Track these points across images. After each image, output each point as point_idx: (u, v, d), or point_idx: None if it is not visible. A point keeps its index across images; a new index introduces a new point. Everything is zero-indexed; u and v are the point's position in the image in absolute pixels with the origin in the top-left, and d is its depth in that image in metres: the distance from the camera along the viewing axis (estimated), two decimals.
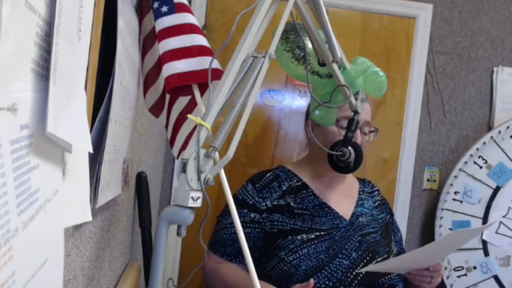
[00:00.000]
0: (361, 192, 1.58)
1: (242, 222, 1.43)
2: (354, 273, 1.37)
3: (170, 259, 2.26)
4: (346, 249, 1.40)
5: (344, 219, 1.46)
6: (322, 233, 1.41)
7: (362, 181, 1.64)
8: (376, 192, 1.63)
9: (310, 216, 1.44)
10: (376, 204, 1.58)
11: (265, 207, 1.45)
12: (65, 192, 0.58)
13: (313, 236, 1.40)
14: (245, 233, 1.42)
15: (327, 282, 1.34)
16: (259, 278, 1.24)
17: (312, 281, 1.24)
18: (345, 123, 1.40)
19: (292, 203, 1.45)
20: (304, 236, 1.40)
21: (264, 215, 1.44)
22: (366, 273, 1.37)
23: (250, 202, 1.46)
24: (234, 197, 1.47)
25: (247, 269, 1.43)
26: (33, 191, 0.46)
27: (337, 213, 1.47)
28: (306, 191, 1.49)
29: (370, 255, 1.41)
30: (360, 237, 1.44)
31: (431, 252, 1.35)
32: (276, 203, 1.45)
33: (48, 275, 0.51)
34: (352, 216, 1.48)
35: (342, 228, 1.44)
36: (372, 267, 1.34)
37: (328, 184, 1.52)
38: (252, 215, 1.44)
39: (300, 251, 1.38)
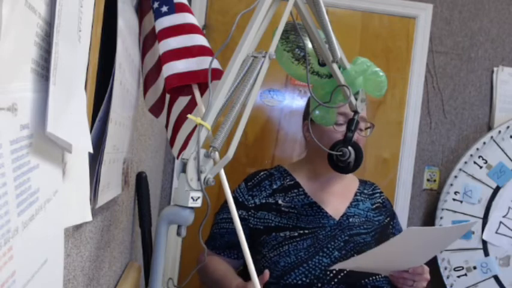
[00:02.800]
0: (358, 194, 1.57)
1: (230, 218, 1.47)
2: (334, 271, 1.37)
3: (170, 259, 2.26)
4: (328, 248, 1.40)
5: (332, 219, 1.46)
6: (306, 231, 1.42)
7: (364, 183, 1.63)
8: (377, 195, 1.62)
9: (297, 215, 1.45)
10: (374, 206, 1.57)
11: (252, 205, 1.48)
12: (65, 192, 0.58)
13: (296, 234, 1.41)
14: (232, 229, 1.47)
15: (304, 279, 1.35)
16: (246, 273, 1.23)
17: (266, 272, 1.22)
18: (340, 119, 1.41)
19: (280, 201, 1.48)
20: (288, 233, 1.41)
21: (250, 212, 1.47)
22: (348, 272, 1.37)
23: (240, 200, 1.50)
24: None
25: (232, 263, 1.46)
26: (33, 191, 0.46)
27: (326, 212, 1.47)
28: (297, 190, 1.51)
29: (355, 255, 1.40)
30: (347, 237, 1.44)
31: (402, 248, 1.27)
32: (264, 201, 1.48)
33: (48, 275, 0.51)
34: (342, 216, 1.48)
35: (328, 227, 1.44)
36: (341, 265, 1.30)
37: (323, 184, 1.53)
38: (239, 212, 1.47)
39: (280, 248, 1.40)
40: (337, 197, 1.53)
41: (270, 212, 1.46)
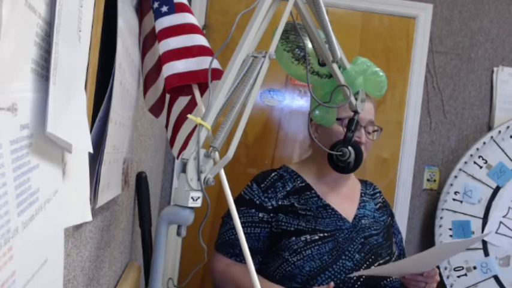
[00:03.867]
0: (363, 194, 1.57)
1: (251, 222, 1.43)
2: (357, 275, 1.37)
3: (170, 259, 2.26)
4: (349, 251, 1.40)
5: (347, 221, 1.46)
6: (325, 234, 1.41)
7: (364, 183, 1.64)
8: (377, 194, 1.63)
9: (314, 218, 1.43)
10: (377, 206, 1.58)
11: (271, 207, 1.44)
12: (65, 192, 0.58)
13: (316, 237, 1.40)
14: (255, 233, 1.42)
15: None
16: (264, 278, 1.21)
17: (332, 284, 1.26)
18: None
19: (296, 204, 1.45)
20: (308, 236, 1.39)
21: (271, 215, 1.44)
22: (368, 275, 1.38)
23: (258, 202, 1.45)
24: (240, 196, 1.49)
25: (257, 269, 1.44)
26: (33, 191, 0.46)
27: (340, 214, 1.46)
28: (309, 192, 1.49)
29: (373, 257, 1.41)
30: (362, 239, 1.44)
31: (427, 259, 1.35)
32: (280, 203, 1.45)
33: (48, 275, 0.51)
34: (354, 218, 1.48)
35: (345, 230, 1.44)
36: (367, 272, 1.34)
37: (332, 185, 1.52)
38: (261, 215, 1.44)
39: (303, 252, 1.37)
40: (346, 199, 1.53)
41: (287, 215, 1.43)
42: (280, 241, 1.41)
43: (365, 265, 1.39)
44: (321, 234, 1.40)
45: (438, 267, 2.21)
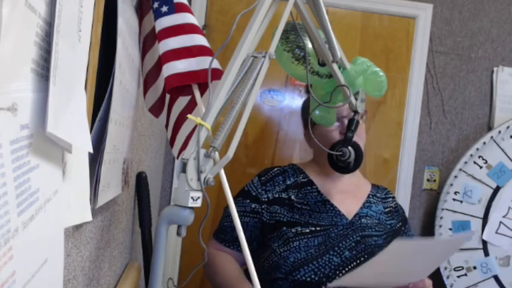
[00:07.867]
0: (370, 196, 1.57)
1: (243, 212, 1.47)
2: (343, 271, 1.37)
3: (170, 259, 2.26)
4: (340, 247, 1.40)
5: (345, 218, 1.46)
6: (318, 228, 1.41)
7: (376, 187, 1.63)
8: (390, 199, 1.62)
9: (310, 211, 1.45)
10: (387, 210, 1.57)
11: (266, 199, 1.47)
12: (65, 192, 0.58)
13: (307, 230, 1.41)
14: (243, 222, 1.46)
15: (312, 276, 1.35)
16: (255, 268, 1.23)
17: None
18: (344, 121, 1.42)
19: (293, 197, 1.47)
20: (299, 228, 1.40)
21: (263, 206, 1.47)
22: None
23: (254, 193, 1.49)
24: (242, 188, 1.54)
25: (240, 258, 1.45)
26: (33, 191, 0.46)
27: (339, 211, 1.47)
28: (310, 187, 1.50)
29: (366, 256, 1.40)
30: (358, 238, 1.43)
31: (395, 263, 1.22)
32: (277, 196, 1.47)
33: (48, 275, 0.51)
34: (355, 216, 1.48)
35: (340, 226, 1.44)
36: (339, 282, 1.23)
37: (336, 183, 1.53)
38: (253, 205, 1.47)
39: (291, 243, 1.39)
40: (350, 197, 1.53)
41: (283, 207, 1.45)
42: (272, 232, 1.44)
43: (354, 263, 1.38)
44: (313, 228, 1.41)
45: (433, 276, 2.19)
